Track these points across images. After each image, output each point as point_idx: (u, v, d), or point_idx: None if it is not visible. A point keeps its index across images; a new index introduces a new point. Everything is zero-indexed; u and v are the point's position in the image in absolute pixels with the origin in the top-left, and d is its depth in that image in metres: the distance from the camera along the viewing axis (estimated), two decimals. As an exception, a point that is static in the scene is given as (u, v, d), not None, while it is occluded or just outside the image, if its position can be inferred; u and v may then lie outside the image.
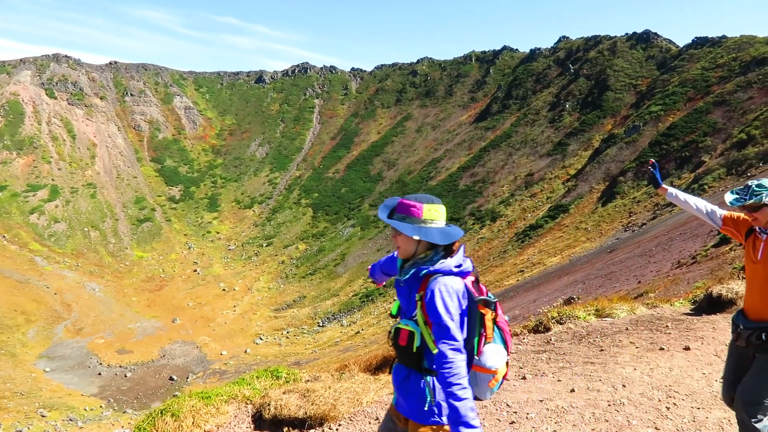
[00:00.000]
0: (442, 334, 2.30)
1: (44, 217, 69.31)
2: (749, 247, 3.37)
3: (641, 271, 19.53)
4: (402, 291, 2.55)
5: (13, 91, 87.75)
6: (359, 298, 50.02)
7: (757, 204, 3.20)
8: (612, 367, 5.11)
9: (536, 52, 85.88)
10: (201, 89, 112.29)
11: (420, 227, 2.47)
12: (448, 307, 2.33)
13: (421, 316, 2.41)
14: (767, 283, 3.21)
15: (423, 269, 2.43)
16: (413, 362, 2.46)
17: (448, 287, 2.37)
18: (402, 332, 2.45)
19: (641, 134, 48.37)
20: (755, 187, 3.22)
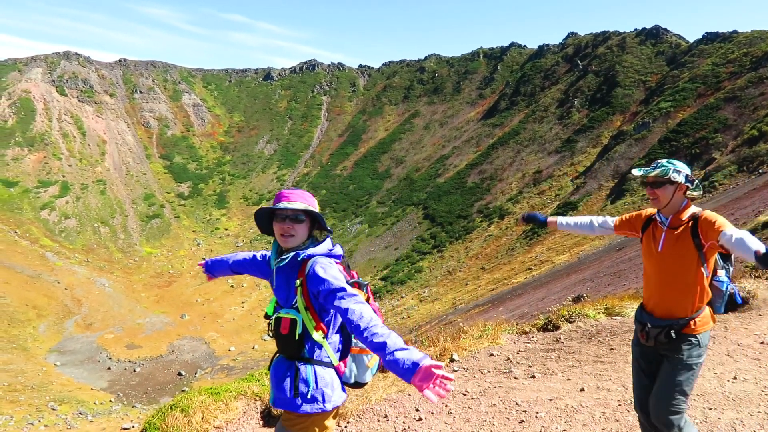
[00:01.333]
0: (339, 293, 2.36)
1: (55, 213, 69.88)
2: (648, 239, 3.21)
3: (651, 269, 19.34)
4: (279, 282, 2.61)
5: (25, 89, 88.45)
6: (367, 295, 50.04)
7: (661, 177, 3.03)
8: (622, 366, 5.08)
9: (544, 48, 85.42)
10: (209, 86, 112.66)
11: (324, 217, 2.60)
12: (334, 273, 2.44)
13: (301, 302, 2.49)
14: (673, 275, 3.04)
15: (300, 254, 2.53)
16: (294, 351, 2.50)
17: (327, 261, 2.51)
18: (283, 321, 2.50)
19: (651, 131, 48.01)
20: (665, 162, 3.08)
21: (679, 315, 3.02)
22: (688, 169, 3.07)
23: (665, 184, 3.03)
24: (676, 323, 3.02)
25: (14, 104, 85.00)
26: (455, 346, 5.60)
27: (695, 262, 2.97)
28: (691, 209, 3.07)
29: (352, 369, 2.71)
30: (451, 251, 51.91)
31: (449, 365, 5.23)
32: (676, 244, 3.02)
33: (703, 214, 2.98)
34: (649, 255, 3.20)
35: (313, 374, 2.49)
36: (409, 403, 4.33)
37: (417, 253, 54.54)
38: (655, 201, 3.09)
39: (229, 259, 3.11)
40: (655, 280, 3.15)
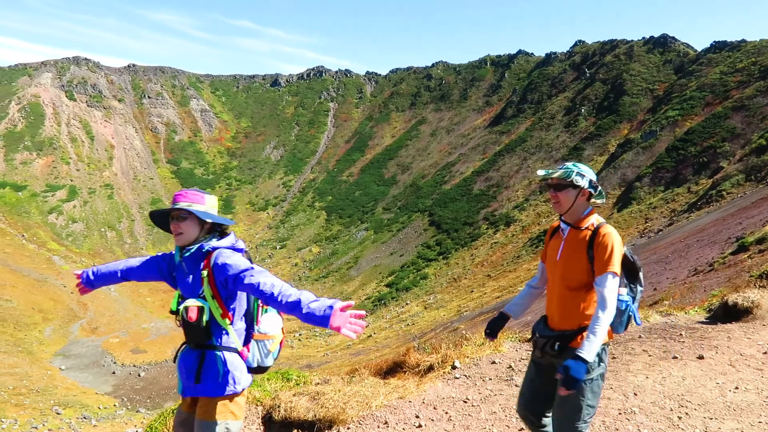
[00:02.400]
0: (248, 271, 2.55)
1: (62, 217, 70.37)
2: (552, 250, 3.06)
3: (657, 278, 19.31)
4: (183, 276, 2.73)
5: (35, 93, 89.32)
6: (372, 302, 50.03)
7: (563, 179, 2.89)
8: (624, 375, 5.07)
9: (552, 56, 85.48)
10: (217, 92, 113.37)
11: (208, 213, 2.73)
12: (237, 259, 2.63)
13: (208, 291, 2.64)
14: (567, 285, 2.92)
15: (204, 246, 2.67)
16: (202, 338, 2.65)
17: (231, 252, 2.68)
18: (190, 309, 2.60)
19: (658, 139, 47.88)
20: (570, 164, 2.95)
21: (569, 327, 2.90)
22: (593, 174, 2.95)
23: (567, 188, 2.89)
24: (562, 335, 2.90)
25: (24, 109, 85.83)
26: (457, 354, 5.60)
27: (588, 275, 2.86)
28: (592, 218, 2.95)
29: (254, 354, 2.88)
30: (457, 258, 51.84)
31: (451, 372, 5.24)
32: (573, 253, 2.91)
33: (601, 229, 2.85)
34: (549, 263, 3.08)
35: (223, 359, 2.66)
36: (409, 410, 4.35)
37: (422, 259, 54.50)
38: (557, 205, 2.96)
39: (117, 267, 3.05)
40: (551, 288, 3.04)
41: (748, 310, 6.89)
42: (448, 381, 5.03)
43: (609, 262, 2.75)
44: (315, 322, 2.31)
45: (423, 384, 4.84)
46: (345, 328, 2.28)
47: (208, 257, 2.67)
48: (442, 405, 4.48)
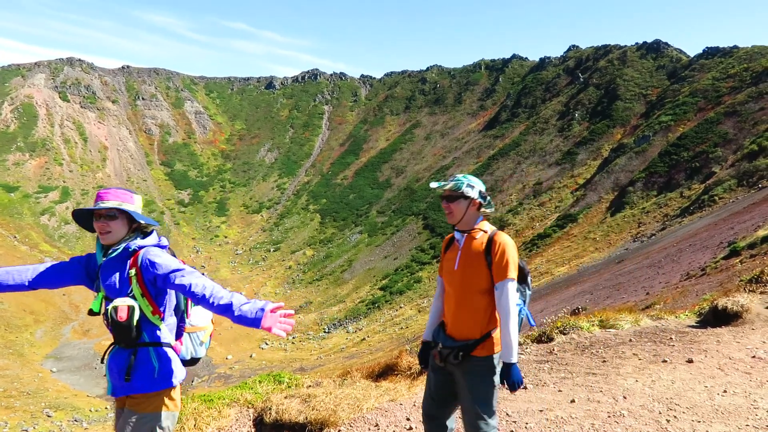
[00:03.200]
0: (178, 272, 2.58)
1: (55, 219, 69.98)
2: (449, 261, 3.11)
3: (650, 283, 19.40)
4: (109, 275, 2.69)
5: (27, 94, 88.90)
6: (365, 305, 50.01)
7: (454, 191, 2.99)
8: (614, 378, 5.10)
9: (546, 61, 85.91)
10: (212, 94, 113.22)
11: (138, 213, 2.78)
12: (167, 258, 2.65)
13: (137, 290, 2.64)
14: (466, 295, 2.97)
15: (130, 246, 2.68)
16: (132, 338, 2.62)
17: (158, 250, 2.71)
18: (120, 308, 2.58)
19: (651, 144, 48.17)
20: (460, 176, 3.04)
21: (470, 336, 2.96)
22: (482, 185, 3.06)
23: (459, 199, 2.99)
24: (464, 345, 2.95)
25: (17, 109, 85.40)
26: (449, 357, 5.63)
27: (487, 281, 2.94)
28: (485, 225, 3.06)
29: (188, 347, 2.95)
30: (451, 262, 51.89)
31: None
32: (471, 261, 2.97)
33: (497, 237, 2.96)
34: (446, 274, 3.12)
35: (156, 355, 2.68)
36: (400, 413, 4.36)
37: (416, 263, 54.53)
38: (450, 215, 3.04)
39: (24, 276, 2.83)
40: (450, 299, 3.07)
41: (737, 315, 6.95)
42: (440, 384, 5.05)
43: (507, 268, 2.88)
44: (246, 324, 2.39)
45: (414, 387, 4.85)
46: (276, 328, 2.36)
47: (134, 256, 2.68)
48: (433, 408, 4.50)
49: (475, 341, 2.95)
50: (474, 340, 2.95)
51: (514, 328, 2.82)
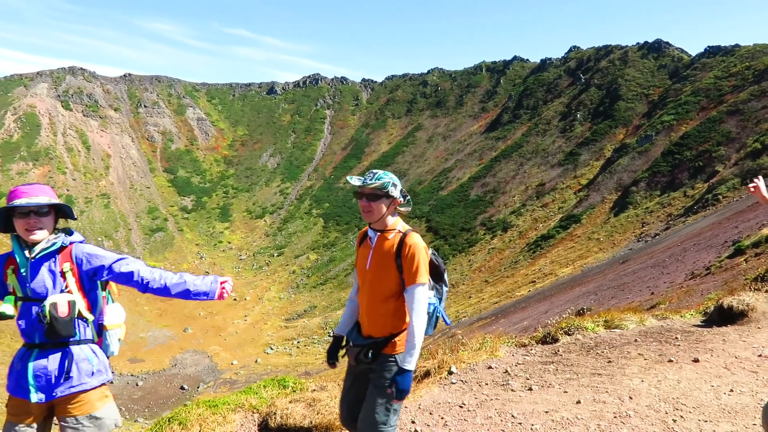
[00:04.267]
0: (122, 260, 2.73)
1: (59, 227, 70.12)
2: (362, 258, 3.08)
3: (654, 282, 19.32)
4: (35, 275, 2.64)
5: (30, 104, 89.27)
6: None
7: (380, 190, 2.89)
8: (619, 378, 5.08)
9: (547, 62, 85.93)
10: (213, 100, 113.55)
11: (70, 207, 2.82)
12: (102, 250, 2.78)
13: (74, 285, 2.66)
14: (378, 293, 2.95)
15: (64, 242, 2.70)
16: (69, 333, 2.62)
17: (91, 245, 2.79)
18: (60, 304, 2.59)
19: (654, 144, 48.10)
20: (382, 173, 2.94)
21: (381, 334, 2.96)
22: (400, 184, 3.02)
23: (382, 198, 2.92)
24: (375, 343, 2.95)
25: (20, 119, 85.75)
26: (453, 359, 5.61)
27: (397, 284, 2.92)
28: (398, 225, 3.02)
29: (106, 343, 2.94)
30: (454, 264, 51.84)
31: (447, 378, 5.25)
32: (382, 261, 2.95)
33: (407, 239, 2.92)
34: (360, 272, 3.10)
35: (90, 351, 2.72)
36: (405, 416, 4.35)
37: (420, 266, 54.44)
38: (369, 214, 2.94)
39: None
40: (363, 296, 3.05)
41: (743, 313, 6.91)
42: (445, 386, 5.04)
43: (417, 273, 2.85)
44: (201, 298, 2.73)
45: (419, 389, 4.85)
46: (222, 295, 2.78)
47: (65, 252, 2.68)
48: (438, 410, 4.49)
49: (385, 339, 2.95)
50: (384, 338, 2.95)
51: (419, 335, 2.82)
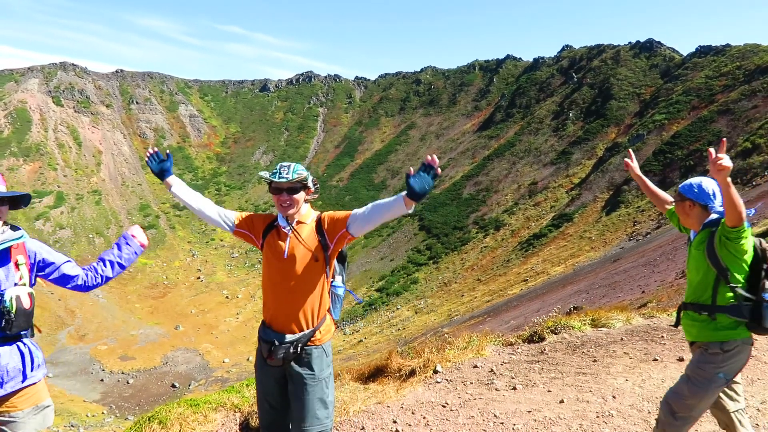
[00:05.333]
0: (71, 262, 2.85)
1: (50, 224, 69.66)
2: (272, 247, 2.92)
3: (645, 281, 19.42)
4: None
5: (21, 99, 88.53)
6: (362, 307, 49.94)
7: (302, 182, 2.87)
8: (604, 377, 5.09)
9: (539, 61, 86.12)
10: (206, 97, 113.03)
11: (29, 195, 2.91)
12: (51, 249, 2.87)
13: (27, 278, 2.68)
14: (299, 283, 2.86)
15: (22, 236, 2.72)
16: (27, 326, 2.65)
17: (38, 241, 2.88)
18: (23, 296, 2.59)
19: (645, 143, 48.31)
20: (297, 165, 2.88)
21: (306, 327, 2.87)
22: None
23: (300, 190, 2.89)
24: (303, 336, 2.85)
25: (10, 114, 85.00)
26: (439, 358, 5.60)
27: (321, 267, 2.88)
28: (312, 212, 3.00)
29: None
30: (447, 263, 51.91)
31: (432, 377, 5.23)
32: (303, 248, 2.87)
33: (324, 214, 2.96)
34: (272, 263, 2.93)
35: (33, 344, 2.74)
36: (387, 415, 4.33)
37: (413, 264, 54.52)
38: (290, 207, 2.88)
39: None
40: (279, 290, 2.90)
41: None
42: (429, 385, 5.02)
43: (346, 213, 2.87)
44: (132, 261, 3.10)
45: (403, 389, 4.83)
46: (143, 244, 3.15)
47: (18, 246, 2.69)
48: (420, 410, 4.46)
49: (312, 330, 2.88)
50: (312, 329, 2.88)
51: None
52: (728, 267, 3.02)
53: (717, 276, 3.05)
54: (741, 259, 3.01)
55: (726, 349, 3.04)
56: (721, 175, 2.72)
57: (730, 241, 2.95)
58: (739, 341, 3.05)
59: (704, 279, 3.10)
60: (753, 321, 3.00)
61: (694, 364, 3.13)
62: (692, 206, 3.24)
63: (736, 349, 3.05)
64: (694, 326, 3.18)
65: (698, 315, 3.13)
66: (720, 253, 3.01)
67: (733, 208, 2.79)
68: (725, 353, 3.04)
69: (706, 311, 3.09)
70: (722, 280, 3.04)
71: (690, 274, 3.25)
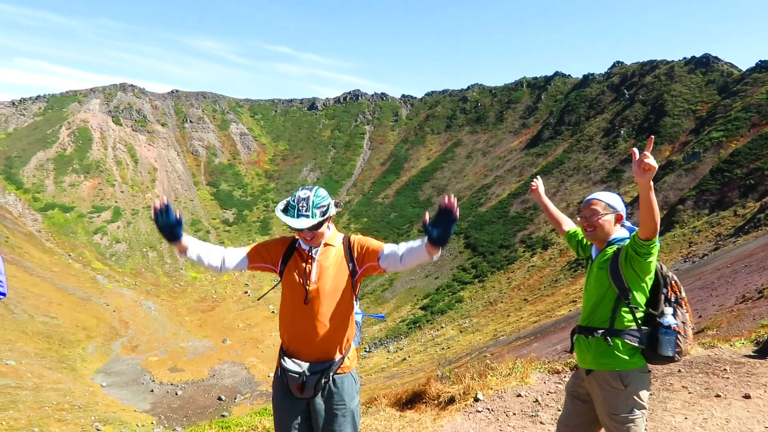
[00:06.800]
0: None
1: (107, 238, 72.60)
2: (295, 271, 2.80)
3: (702, 305, 18.49)
4: None
5: (84, 119, 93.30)
6: (406, 325, 49.56)
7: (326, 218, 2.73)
8: (660, 414, 4.73)
9: (589, 77, 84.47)
10: (256, 116, 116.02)
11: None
12: None
13: None
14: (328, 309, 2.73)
15: None
16: None
17: None
18: None
19: (701, 161, 46.39)
20: (315, 197, 2.76)
21: (334, 355, 2.76)
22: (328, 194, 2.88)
23: (325, 223, 2.77)
24: (334, 364, 2.74)
25: (73, 133, 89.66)
26: (481, 385, 5.36)
27: (349, 292, 2.76)
28: (338, 234, 2.88)
29: None
30: (493, 281, 50.99)
31: (473, 405, 5.00)
32: (331, 273, 2.75)
33: (353, 237, 2.84)
34: (297, 289, 2.80)
35: None
36: (425, 447, 4.15)
37: (458, 282, 53.83)
38: (315, 240, 2.76)
39: None
40: (307, 317, 2.77)
41: None
42: (469, 415, 4.80)
43: (378, 245, 2.74)
44: None
45: (441, 418, 4.62)
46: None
47: None
48: (461, 442, 4.26)
49: (341, 357, 2.78)
50: (341, 356, 2.78)
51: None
52: (630, 288, 2.84)
53: (618, 297, 2.87)
54: (644, 281, 2.84)
55: (625, 380, 2.85)
56: (646, 176, 2.64)
57: (639, 257, 2.76)
58: (636, 370, 2.87)
59: (604, 300, 2.92)
60: (649, 347, 2.85)
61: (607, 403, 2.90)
62: (608, 217, 3.07)
63: (637, 378, 2.87)
64: (588, 352, 2.97)
65: (593, 339, 2.93)
66: (624, 272, 2.84)
67: (651, 216, 2.67)
68: (626, 386, 2.85)
69: (602, 335, 2.89)
70: (623, 302, 2.86)
71: (588, 294, 3.07)
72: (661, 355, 2.86)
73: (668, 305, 2.93)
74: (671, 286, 2.98)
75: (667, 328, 2.85)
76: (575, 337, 3.15)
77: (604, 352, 2.88)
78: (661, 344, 2.82)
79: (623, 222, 3.10)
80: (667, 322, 2.86)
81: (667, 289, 2.96)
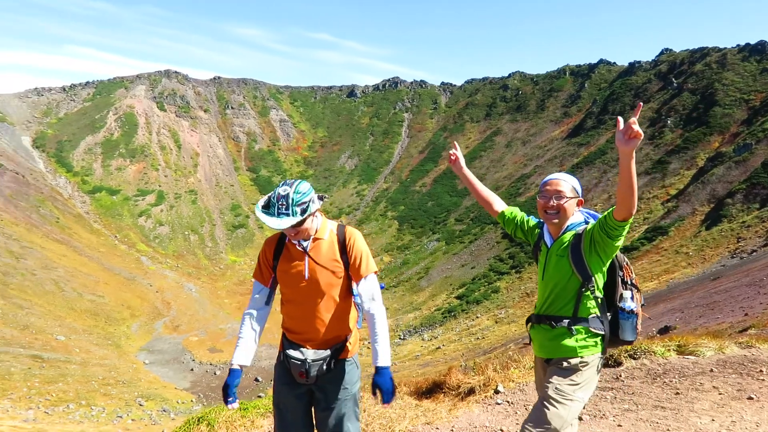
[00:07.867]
0: None
1: (150, 220, 74.89)
2: (288, 266, 2.81)
3: (749, 303, 17.83)
4: None
5: (130, 104, 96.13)
6: (441, 314, 49.50)
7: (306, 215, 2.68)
8: (686, 414, 4.58)
9: (636, 65, 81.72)
10: (296, 103, 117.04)
11: None
12: None
13: None
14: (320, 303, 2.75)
15: None
16: None
17: None
18: None
19: (753, 153, 44.39)
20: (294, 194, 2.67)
21: (336, 341, 2.80)
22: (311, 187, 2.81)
23: (308, 218, 2.72)
24: (335, 351, 2.78)
25: (120, 119, 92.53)
26: (502, 377, 5.29)
27: (345, 280, 2.78)
28: (328, 223, 2.86)
29: None
30: (530, 272, 50.31)
31: (492, 397, 4.95)
32: (323, 265, 2.74)
33: (347, 232, 2.82)
34: (292, 283, 2.81)
35: None
36: (437, 437, 4.13)
37: (494, 272, 53.33)
38: (300, 234, 2.73)
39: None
40: (305, 308, 2.80)
41: None
42: (487, 407, 4.75)
43: (367, 263, 2.77)
44: None
45: (457, 409, 4.59)
46: None
47: None
48: (474, 434, 4.22)
49: (343, 342, 2.82)
50: (342, 342, 2.82)
51: (385, 326, 2.73)
52: (593, 274, 2.75)
53: (581, 285, 2.77)
54: (605, 264, 2.77)
55: (583, 365, 2.75)
56: (630, 145, 2.44)
57: (610, 239, 2.67)
58: (596, 356, 2.79)
59: (566, 288, 2.80)
60: (611, 333, 2.81)
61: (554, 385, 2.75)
62: (573, 201, 3.04)
63: (594, 366, 2.80)
64: (549, 340, 2.85)
65: (554, 328, 2.81)
66: (588, 259, 2.74)
67: (631, 192, 2.58)
68: (584, 371, 2.75)
69: (565, 323, 2.78)
70: (587, 289, 2.76)
71: (546, 282, 2.93)
72: (622, 340, 2.84)
73: (625, 288, 2.90)
74: (624, 268, 2.94)
75: (629, 312, 2.82)
76: (530, 325, 3.05)
77: (566, 341, 2.78)
78: (623, 329, 2.81)
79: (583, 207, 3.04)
80: (628, 307, 2.83)
81: (623, 271, 2.92)
